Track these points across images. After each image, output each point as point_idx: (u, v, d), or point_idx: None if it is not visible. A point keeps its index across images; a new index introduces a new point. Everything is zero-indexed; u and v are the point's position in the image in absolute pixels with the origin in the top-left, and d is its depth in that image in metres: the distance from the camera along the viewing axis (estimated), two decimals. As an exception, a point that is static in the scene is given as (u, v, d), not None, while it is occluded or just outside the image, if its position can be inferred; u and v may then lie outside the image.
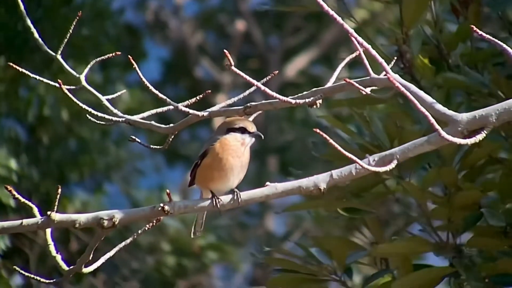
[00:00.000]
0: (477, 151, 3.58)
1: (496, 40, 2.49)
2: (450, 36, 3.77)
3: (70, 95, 2.86)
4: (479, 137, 2.47)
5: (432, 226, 3.63)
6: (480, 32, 2.48)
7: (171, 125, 2.92)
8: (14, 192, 2.56)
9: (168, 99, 2.82)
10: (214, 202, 2.82)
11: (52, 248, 2.65)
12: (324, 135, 2.51)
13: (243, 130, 2.97)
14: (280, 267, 3.76)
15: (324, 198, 3.82)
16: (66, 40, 2.86)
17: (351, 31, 2.60)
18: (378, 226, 3.74)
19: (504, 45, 2.49)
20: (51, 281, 2.72)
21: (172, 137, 2.93)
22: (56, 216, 2.64)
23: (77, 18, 2.85)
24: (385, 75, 2.63)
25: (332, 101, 3.91)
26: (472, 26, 2.51)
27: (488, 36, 2.49)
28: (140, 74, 2.82)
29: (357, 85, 2.65)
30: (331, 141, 2.50)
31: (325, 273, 3.69)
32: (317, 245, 3.74)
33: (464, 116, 2.54)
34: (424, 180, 3.60)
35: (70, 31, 2.86)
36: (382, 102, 3.79)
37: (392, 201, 3.85)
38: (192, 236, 3.02)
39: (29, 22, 2.88)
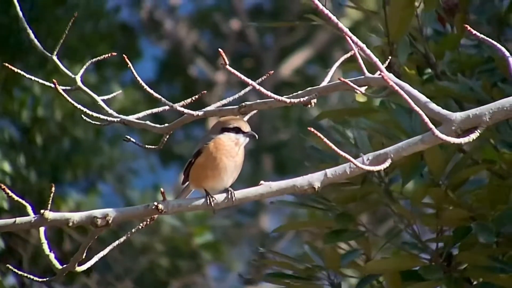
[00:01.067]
0: (470, 167, 3.59)
1: (491, 40, 2.49)
2: (437, 44, 3.78)
3: (66, 96, 2.85)
4: (473, 136, 2.48)
5: (421, 241, 3.65)
6: (475, 32, 2.48)
7: (166, 125, 2.92)
8: (8, 191, 2.55)
9: (163, 99, 2.82)
10: (208, 200, 2.82)
11: (45, 246, 2.64)
12: (319, 134, 2.51)
13: (237, 130, 2.97)
14: (273, 268, 3.76)
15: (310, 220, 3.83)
16: (62, 41, 2.85)
17: (346, 30, 2.60)
18: (366, 242, 3.74)
19: (499, 45, 2.50)
20: (45, 279, 2.71)
21: (167, 136, 2.93)
22: (49, 214, 2.64)
23: (73, 19, 2.85)
24: (379, 74, 2.63)
25: (322, 112, 3.90)
26: (466, 26, 2.52)
27: (483, 36, 2.50)
28: (135, 73, 2.82)
29: (351, 84, 2.65)
30: (325, 140, 2.50)
31: (318, 275, 3.69)
32: (311, 246, 3.74)
33: (458, 115, 2.54)
34: (412, 197, 3.61)
35: (66, 32, 2.86)
36: (373, 112, 3.79)
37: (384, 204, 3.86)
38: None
39: (25, 23, 2.88)
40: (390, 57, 3.22)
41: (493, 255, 3.49)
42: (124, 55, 2.89)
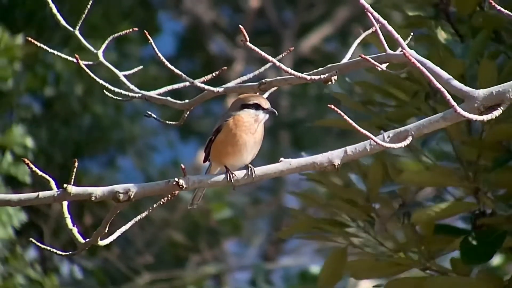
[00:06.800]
0: None
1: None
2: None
3: (87, 70, 2.87)
4: (496, 113, 2.46)
5: (461, 161, 3.58)
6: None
7: (187, 101, 2.93)
8: (31, 165, 2.58)
9: (183, 75, 2.82)
10: (228, 177, 2.83)
11: (68, 220, 2.67)
12: (339, 111, 2.50)
13: (257, 107, 2.98)
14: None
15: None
16: (84, 15, 2.87)
17: (367, 6, 2.58)
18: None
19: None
20: (67, 253, 2.75)
21: (188, 113, 2.94)
22: (72, 189, 2.66)
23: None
24: (401, 51, 2.61)
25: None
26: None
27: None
28: (156, 49, 2.83)
29: (372, 61, 2.64)
30: (345, 117, 2.50)
31: (361, 200, 3.66)
32: (356, 170, 3.72)
33: (480, 92, 2.52)
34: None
35: (88, 6, 2.87)
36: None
37: None
38: (188, 207, 3.07)
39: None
40: None
41: None
42: (145, 31, 2.89)
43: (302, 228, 3.71)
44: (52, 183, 2.66)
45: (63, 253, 2.74)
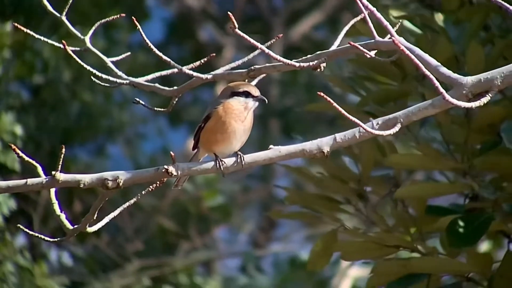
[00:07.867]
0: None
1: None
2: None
3: (75, 56, 2.85)
4: (484, 100, 2.48)
5: (448, 146, 3.59)
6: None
7: (175, 87, 2.92)
8: (19, 151, 2.57)
9: (172, 61, 2.81)
10: (217, 164, 2.83)
11: (56, 207, 2.67)
12: (328, 98, 2.51)
13: (246, 94, 2.98)
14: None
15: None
16: (71, 1, 2.85)
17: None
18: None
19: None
20: (55, 239, 2.75)
21: (176, 99, 2.93)
22: (60, 176, 2.66)
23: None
24: (390, 38, 2.61)
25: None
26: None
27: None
28: (144, 36, 2.81)
29: (361, 48, 2.64)
30: (335, 104, 2.50)
31: (352, 182, 3.68)
32: (348, 152, 3.74)
33: (469, 79, 2.54)
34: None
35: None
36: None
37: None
38: (173, 188, 3.07)
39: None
40: None
41: None
42: (133, 17, 2.88)
43: (296, 201, 3.72)
44: (39, 169, 2.66)
45: (52, 240, 2.74)
